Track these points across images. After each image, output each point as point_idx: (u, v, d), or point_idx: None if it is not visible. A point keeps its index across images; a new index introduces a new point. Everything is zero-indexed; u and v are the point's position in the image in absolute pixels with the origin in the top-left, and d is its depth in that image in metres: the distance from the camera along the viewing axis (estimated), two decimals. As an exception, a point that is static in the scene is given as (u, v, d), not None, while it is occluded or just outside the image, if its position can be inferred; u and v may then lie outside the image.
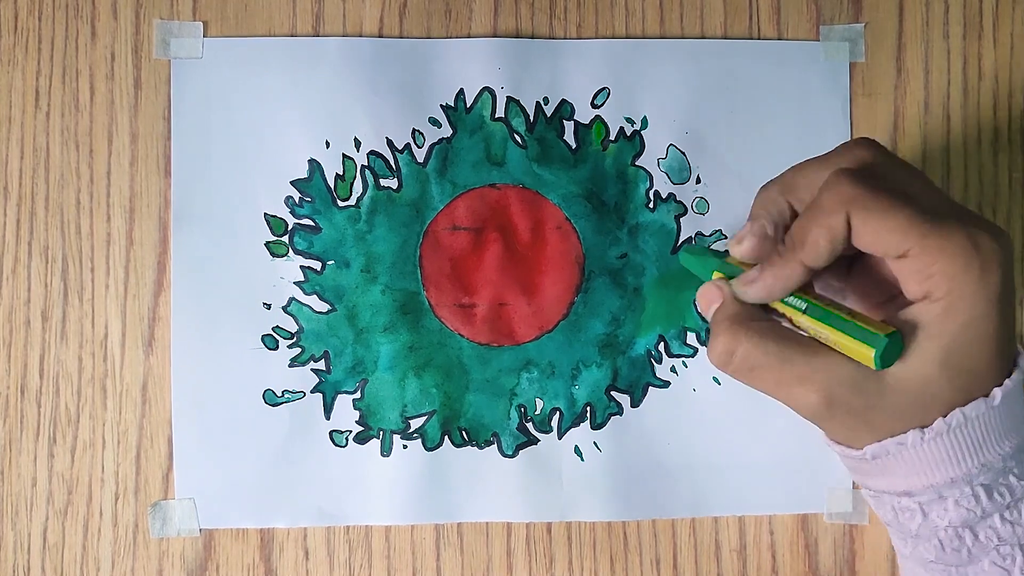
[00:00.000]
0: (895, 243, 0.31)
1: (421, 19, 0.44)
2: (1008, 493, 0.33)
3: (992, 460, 0.32)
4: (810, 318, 0.34)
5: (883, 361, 0.31)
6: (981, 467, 0.32)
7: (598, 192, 0.44)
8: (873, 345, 0.31)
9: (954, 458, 0.32)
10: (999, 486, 0.33)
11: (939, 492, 0.33)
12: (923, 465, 0.33)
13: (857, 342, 0.32)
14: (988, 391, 0.32)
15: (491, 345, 0.43)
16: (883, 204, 0.31)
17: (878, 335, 0.31)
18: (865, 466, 0.34)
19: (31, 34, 0.43)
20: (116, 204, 0.43)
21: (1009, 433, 0.33)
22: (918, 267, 0.31)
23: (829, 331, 0.33)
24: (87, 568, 0.43)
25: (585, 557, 0.44)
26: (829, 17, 0.45)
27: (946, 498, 0.33)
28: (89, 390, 0.43)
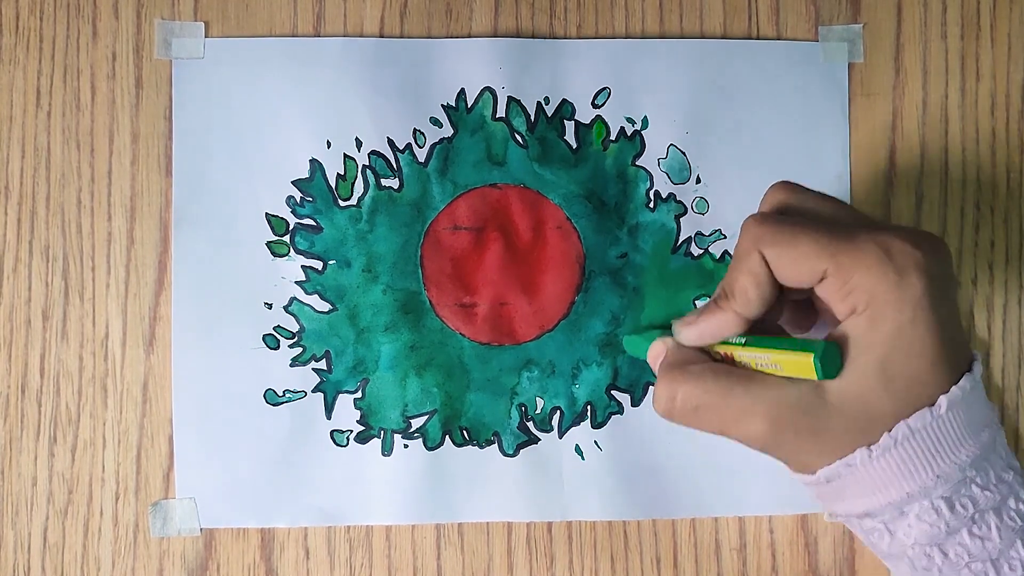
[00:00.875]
0: (809, 268, 0.32)
1: (422, 19, 0.44)
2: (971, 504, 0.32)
3: (948, 471, 0.32)
4: (749, 347, 0.34)
5: (824, 368, 0.31)
6: (937, 479, 0.32)
7: (598, 192, 0.44)
8: (812, 350, 0.31)
9: (906, 472, 0.32)
10: (960, 498, 0.32)
11: (899, 508, 0.33)
12: (876, 483, 0.33)
13: (796, 353, 0.32)
14: (934, 400, 0.32)
15: (492, 344, 0.43)
16: (790, 234, 0.32)
17: (816, 341, 0.32)
18: (824, 490, 0.34)
19: (32, 33, 0.43)
20: (117, 203, 0.43)
21: (964, 441, 0.32)
22: (837, 286, 0.32)
23: (769, 352, 0.33)
24: (87, 568, 0.43)
25: (586, 556, 0.44)
26: (828, 18, 0.45)
27: (907, 514, 0.33)
28: (90, 389, 0.43)
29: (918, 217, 0.45)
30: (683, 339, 0.36)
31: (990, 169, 0.45)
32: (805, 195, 0.35)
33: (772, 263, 0.33)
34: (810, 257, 0.32)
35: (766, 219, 0.33)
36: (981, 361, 0.34)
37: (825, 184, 0.44)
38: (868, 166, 0.45)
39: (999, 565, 0.33)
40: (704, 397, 0.34)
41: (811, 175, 0.44)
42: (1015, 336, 0.45)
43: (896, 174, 0.45)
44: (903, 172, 0.45)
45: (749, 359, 0.34)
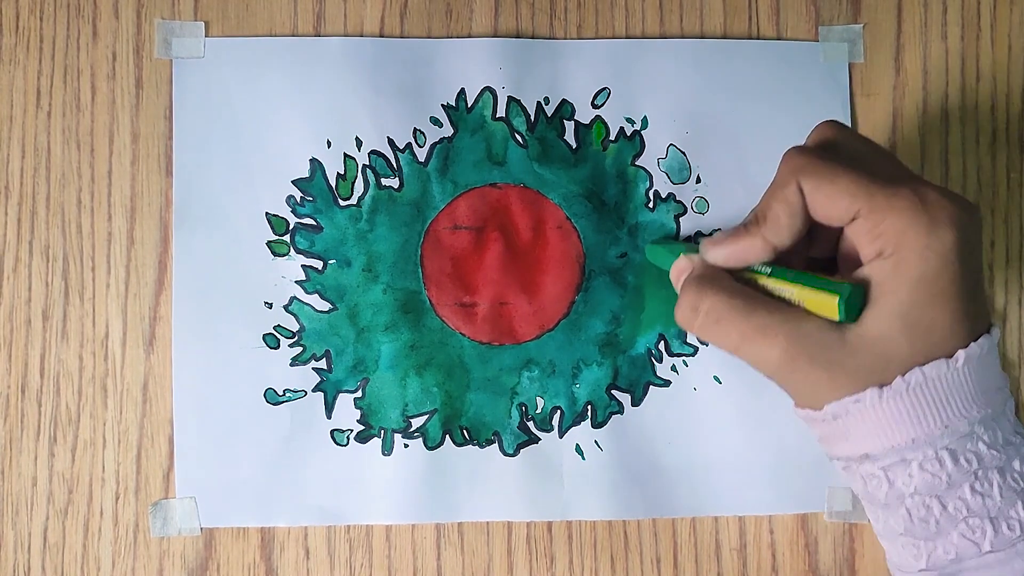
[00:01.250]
0: (844, 206, 0.32)
1: (422, 19, 0.44)
2: (976, 460, 0.32)
3: (956, 424, 0.32)
4: (775, 279, 0.34)
5: (847, 311, 0.32)
6: (944, 429, 0.32)
7: (598, 192, 0.44)
8: (837, 292, 0.32)
9: (914, 417, 0.32)
10: (966, 452, 0.32)
11: (902, 455, 0.33)
12: (883, 425, 0.33)
13: (821, 292, 0.32)
14: (952, 353, 0.32)
15: (492, 344, 0.43)
16: (830, 170, 0.32)
17: (842, 283, 0.32)
18: (828, 429, 0.34)
19: (32, 34, 0.43)
20: (117, 203, 0.43)
21: (976, 398, 0.33)
22: (868, 227, 0.32)
23: (794, 287, 0.33)
24: (87, 568, 0.43)
25: (586, 556, 0.44)
26: (828, 18, 0.45)
27: (909, 461, 0.33)
28: (90, 389, 0.43)
29: (918, 217, 0.45)
30: (710, 257, 0.36)
31: (990, 169, 0.45)
32: (851, 136, 0.35)
33: (808, 195, 0.33)
34: (846, 195, 0.32)
35: (808, 151, 0.33)
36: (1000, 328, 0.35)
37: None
38: (868, 166, 0.45)
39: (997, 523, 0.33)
40: (727, 311, 0.34)
41: (811, 175, 0.44)
42: (1015, 336, 0.45)
43: (896, 174, 0.45)
44: (903, 172, 0.45)
45: (772, 290, 0.34)
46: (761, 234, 0.34)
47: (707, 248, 0.36)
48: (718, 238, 0.36)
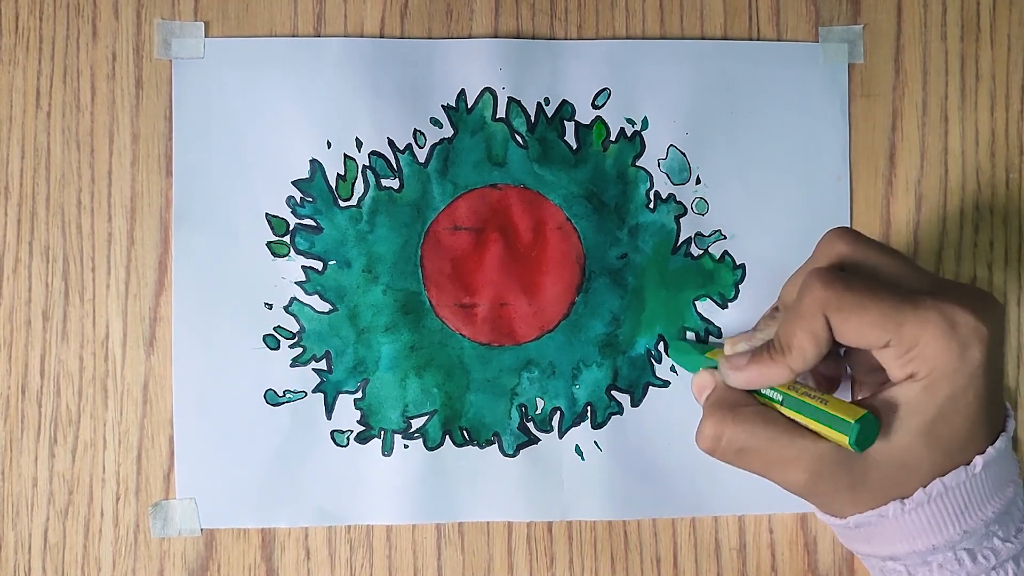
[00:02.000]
0: (875, 337, 0.32)
1: (422, 20, 0.44)
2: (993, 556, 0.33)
3: (974, 526, 0.33)
4: (787, 409, 0.35)
5: (859, 444, 0.32)
6: (963, 534, 0.33)
7: (598, 192, 0.44)
8: (845, 432, 0.32)
9: (935, 526, 0.33)
10: (983, 549, 0.33)
11: (923, 557, 0.34)
12: (905, 534, 0.34)
13: (831, 431, 0.33)
14: (970, 459, 0.33)
15: (492, 345, 0.43)
16: (857, 301, 0.32)
17: (849, 422, 0.32)
18: (850, 533, 0.35)
19: (32, 34, 0.43)
20: (117, 204, 0.43)
21: (991, 498, 0.33)
22: (899, 353, 0.32)
23: (806, 421, 0.34)
24: (88, 568, 0.43)
25: (586, 556, 0.44)
26: (828, 19, 0.45)
27: (930, 563, 0.34)
28: (90, 390, 0.43)
29: (918, 217, 0.45)
30: (731, 381, 0.37)
31: (990, 169, 0.45)
32: (866, 249, 0.35)
33: (836, 328, 0.33)
34: (876, 328, 0.32)
35: (833, 281, 0.33)
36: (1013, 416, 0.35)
37: (825, 184, 0.44)
38: (868, 167, 0.45)
39: None
40: (749, 441, 0.34)
41: (811, 176, 0.44)
42: (1015, 336, 0.45)
43: (896, 175, 0.45)
44: (903, 172, 0.45)
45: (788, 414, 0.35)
46: (785, 363, 0.34)
47: (727, 373, 0.37)
48: (739, 361, 0.36)
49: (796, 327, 0.34)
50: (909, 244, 0.45)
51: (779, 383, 0.35)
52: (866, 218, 0.45)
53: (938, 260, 0.45)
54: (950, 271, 0.45)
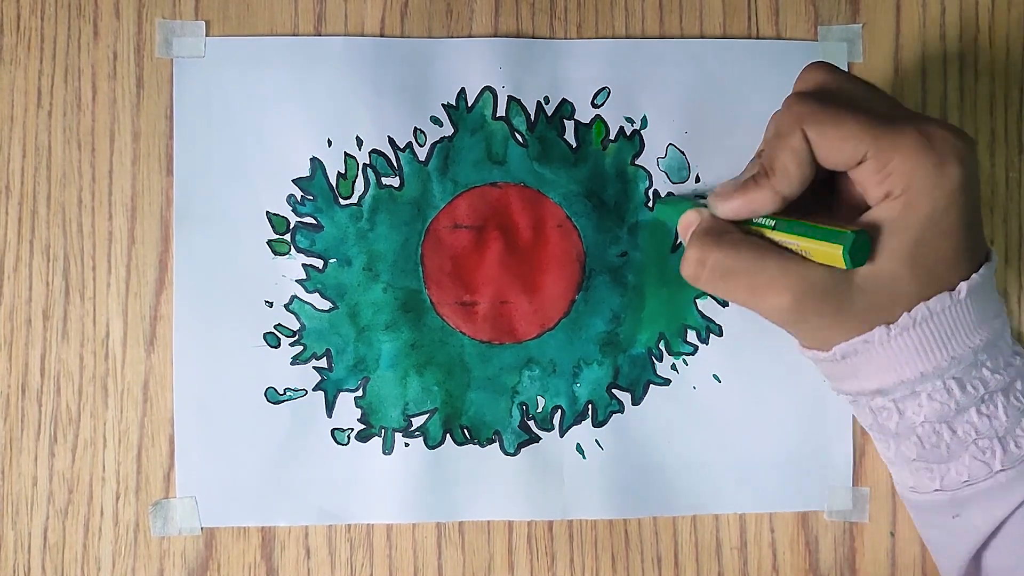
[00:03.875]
0: (850, 150, 0.32)
1: (422, 19, 0.44)
2: (982, 385, 0.33)
3: (962, 353, 0.33)
4: (779, 232, 0.34)
5: (852, 259, 0.32)
6: (951, 360, 0.33)
7: (598, 191, 0.44)
8: (840, 242, 0.31)
9: (922, 352, 0.33)
10: (972, 379, 0.33)
11: (911, 387, 0.33)
12: (892, 361, 0.33)
13: (825, 243, 0.32)
14: (954, 285, 0.33)
15: (492, 343, 0.43)
16: (834, 115, 0.32)
17: (845, 232, 0.32)
18: (836, 368, 0.35)
19: (33, 33, 0.43)
20: (118, 203, 0.43)
21: (979, 326, 0.33)
22: (876, 168, 0.32)
23: (798, 239, 0.33)
24: (88, 567, 0.43)
25: (587, 555, 0.44)
26: (827, 18, 0.45)
27: (919, 393, 0.33)
28: (90, 389, 0.43)
29: (918, 216, 0.45)
30: (719, 212, 0.36)
31: (990, 169, 0.45)
32: (843, 77, 0.35)
33: (814, 142, 0.33)
34: (853, 139, 0.32)
35: (809, 98, 0.33)
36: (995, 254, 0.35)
37: (825, 183, 0.44)
38: (868, 165, 0.45)
39: (1005, 442, 0.34)
40: (734, 264, 0.34)
41: (811, 174, 0.44)
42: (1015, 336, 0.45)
43: (895, 173, 0.45)
44: (902, 171, 0.45)
45: (778, 240, 0.34)
46: (771, 185, 0.34)
47: (715, 202, 0.36)
48: (726, 192, 0.36)
49: (777, 147, 0.34)
50: (909, 242, 0.45)
51: (767, 209, 0.35)
52: (866, 216, 0.45)
53: (938, 258, 0.45)
54: (950, 269, 0.45)
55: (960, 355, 0.33)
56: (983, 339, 0.33)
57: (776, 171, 0.34)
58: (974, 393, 0.33)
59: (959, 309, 0.33)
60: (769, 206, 0.35)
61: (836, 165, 0.33)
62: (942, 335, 0.33)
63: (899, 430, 0.35)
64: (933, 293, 0.32)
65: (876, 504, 0.44)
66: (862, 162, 0.32)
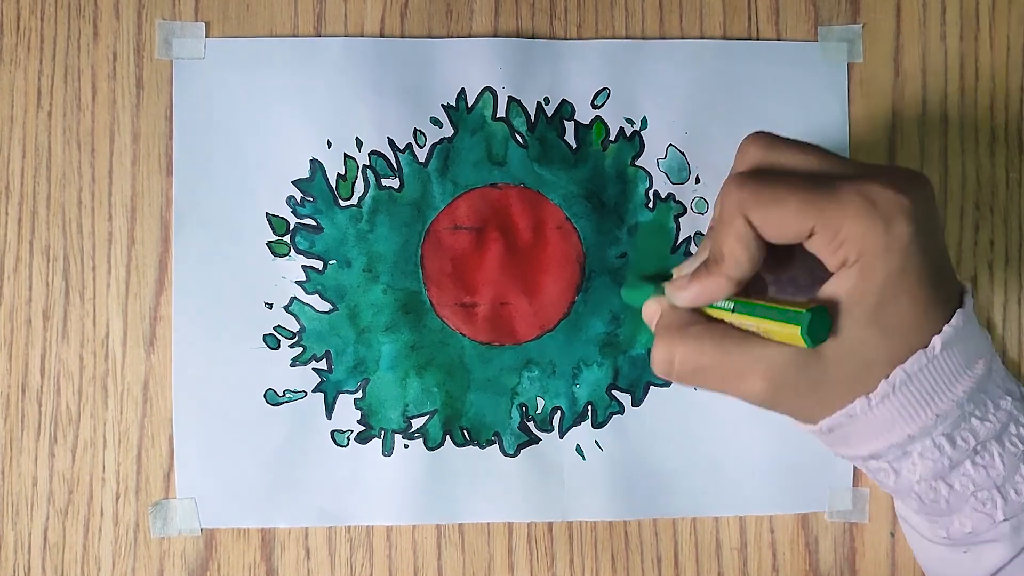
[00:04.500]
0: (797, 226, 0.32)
1: (422, 19, 0.44)
2: (972, 437, 0.33)
3: (947, 408, 0.32)
4: (739, 315, 0.34)
5: (812, 337, 0.31)
6: (937, 417, 0.32)
7: (598, 192, 0.44)
8: (797, 323, 0.31)
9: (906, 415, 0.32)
10: (961, 432, 0.33)
11: (902, 449, 0.33)
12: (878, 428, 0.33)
13: (783, 324, 0.32)
14: (927, 342, 0.32)
15: (492, 344, 0.43)
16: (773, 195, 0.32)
17: (801, 312, 0.31)
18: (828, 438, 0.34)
19: (33, 34, 0.43)
20: (118, 203, 0.43)
21: (960, 376, 0.32)
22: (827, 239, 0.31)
23: (757, 321, 0.33)
24: (88, 568, 0.43)
25: (586, 556, 0.44)
26: (827, 18, 0.45)
27: (910, 453, 0.33)
28: (90, 389, 0.43)
29: (918, 217, 0.45)
30: (677, 302, 0.36)
31: (990, 169, 0.45)
32: (781, 148, 0.34)
33: (758, 225, 0.32)
34: (796, 215, 0.31)
35: (746, 181, 0.33)
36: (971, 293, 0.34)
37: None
38: (868, 166, 0.45)
39: (1005, 491, 0.33)
40: (702, 359, 0.34)
41: (811, 175, 0.44)
42: (1015, 336, 0.45)
43: (896, 174, 0.45)
44: (903, 172, 0.45)
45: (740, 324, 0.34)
46: (721, 272, 0.34)
47: (672, 294, 0.36)
48: (681, 282, 0.35)
49: (722, 235, 0.33)
50: (909, 243, 0.45)
51: (722, 295, 0.34)
52: (866, 217, 0.45)
53: (938, 259, 0.45)
54: (950, 270, 0.45)
55: (945, 410, 0.32)
56: (966, 389, 0.32)
57: (725, 257, 0.33)
58: (965, 446, 0.33)
59: (936, 365, 0.32)
60: (723, 292, 0.34)
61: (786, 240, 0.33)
62: (923, 394, 0.32)
63: (898, 488, 0.34)
64: (907, 354, 0.32)
65: (876, 504, 0.44)
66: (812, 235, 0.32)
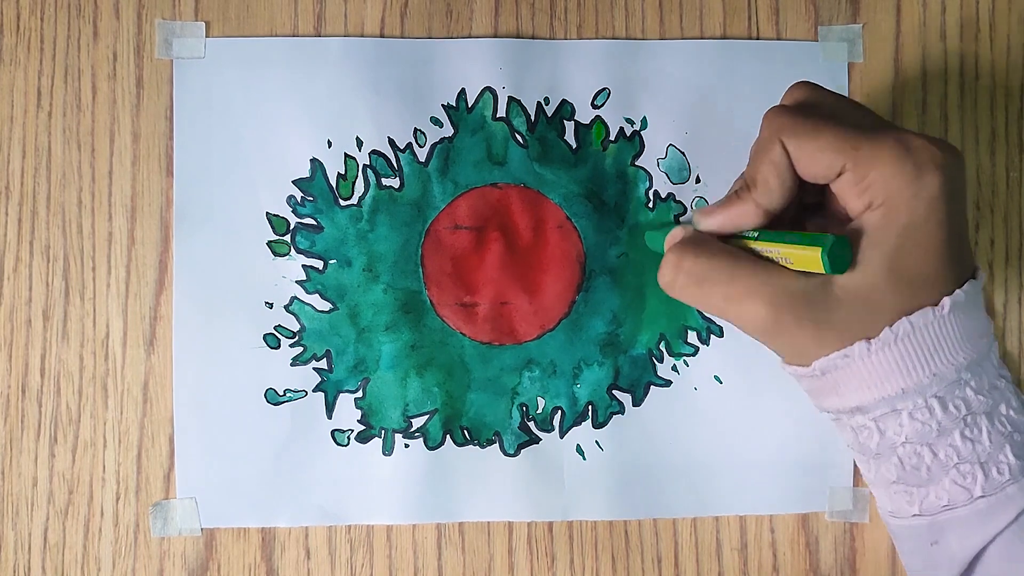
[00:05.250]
0: (829, 161, 0.32)
1: (422, 19, 0.44)
2: (964, 406, 0.32)
3: (944, 370, 0.32)
4: (762, 241, 0.34)
5: (832, 263, 0.31)
6: (933, 377, 0.32)
7: (598, 192, 0.44)
8: (820, 244, 0.31)
9: (903, 368, 0.32)
10: (954, 399, 0.32)
11: (892, 405, 0.33)
12: (872, 377, 0.32)
13: (805, 247, 0.32)
14: (937, 300, 0.32)
15: (493, 344, 0.43)
16: (812, 127, 0.32)
17: (825, 235, 0.31)
18: (816, 383, 0.34)
19: (33, 34, 0.43)
20: (118, 203, 0.43)
21: (963, 344, 0.32)
22: (855, 180, 0.31)
23: (780, 246, 0.33)
24: (88, 568, 0.43)
25: (587, 556, 0.44)
26: (827, 18, 0.45)
27: (900, 411, 0.33)
28: (90, 389, 0.43)
29: (918, 216, 0.45)
30: (703, 227, 0.36)
31: (990, 169, 0.45)
32: (826, 93, 0.35)
33: (793, 154, 0.32)
34: (831, 150, 0.32)
35: (788, 110, 0.33)
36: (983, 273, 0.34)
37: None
38: (868, 166, 0.45)
39: (987, 468, 0.33)
40: (709, 272, 0.34)
41: (811, 175, 0.44)
42: (1015, 336, 0.45)
43: (896, 174, 0.45)
44: (903, 172, 0.45)
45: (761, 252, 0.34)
46: (752, 199, 0.34)
47: (699, 218, 0.36)
48: (710, 208, 0.36)
49: (757, 160, 0.33)
50: (909, 243, 0.45)
51: (751, 223, 0.34)
52: (866, 217, 0.45)
53: (938, 259, 0.45)
54: (950, 270, 0.45)
55: (942, 372, 0.32)
56: (967, 357, 0.32)
57: (758, 184, 0.34)
58: (956, 414, 0.32)
59: (942, 325, 0.32)
60: (752, 220, 0.34)
61: (816, 177, 0.33)
62: (924, 351, 0.32)
63: (879, 450, 0.34)
64: (915, 307, 0.32)
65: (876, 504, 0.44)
66: (842, 174, 0.32)
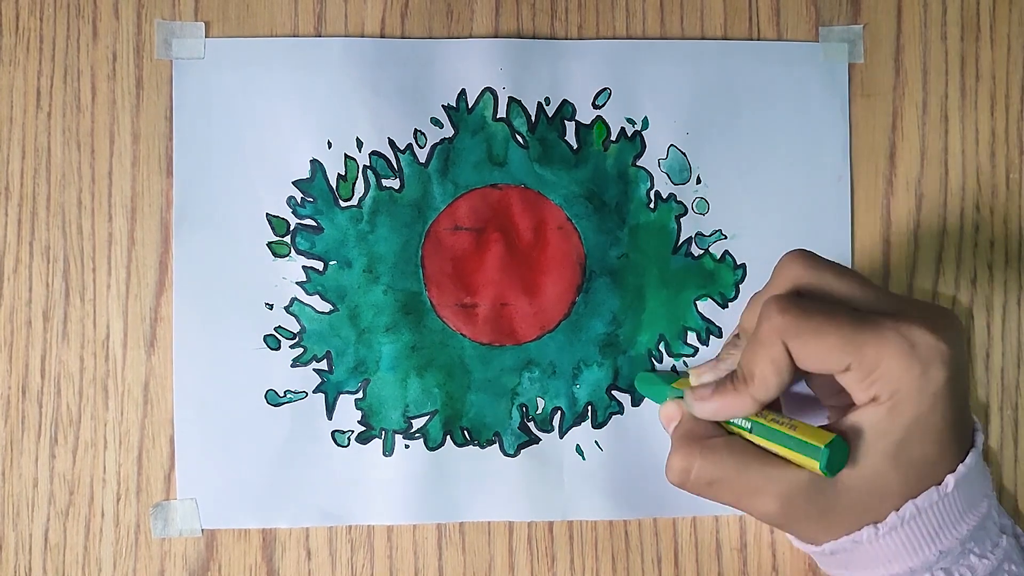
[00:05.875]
0: (834, 361, 0.32)
1: (423, 20, 0.44)
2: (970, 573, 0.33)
3: (950, 546, 0.33)
4: (757, 436, 0.35)
5: (830, 469, 0.32)
6: (939, 554, 0.33)
7: (599, 192, 0.44)
8: (816, 458, 0.32)
9: (910, 549, 0.33)
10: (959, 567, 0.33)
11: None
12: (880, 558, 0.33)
13: (801, 456, 0.33)
14: (941, 479, 0.33)
15: (493, 345, 0.43)
16: (815, 327, 0.32)
17: (818, 448, 0.32)
18: (827, 560, 0.35)
19: (32, 34, 0.43)
20: (118, 204, 0.43)
21: (966, 515, 0.33)
22: (860, 376, 0.32)
23: (776, 447, 0.34)
24: (88, 569, 0.43)
25: (587, 556, 0.44)
26: (828, 18, 0.45)
27: None
28: (91, 390, 0.43)
29: (918, 217, 0.45)
30: (697, 413, 0.36)
31: (990, 169, 0.45)
32: (822, 271, 0.35)
33: (795, 353, 0.33)
34: (836, 351, 0.32)
35: (789, 307, 0.33)
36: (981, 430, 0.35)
37: (825, 184, 0.44)
38: (868, 166, 0.45)
39: None
40: (719, 473, 0.34)
41: (811, 175, 0.44)
42: (1015, 336, 0.45)
43: (896, 174, 0.45)
44: (903, 172, 0.45)
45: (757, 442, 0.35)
46: (748, 392, 0.34)
47: (693, 403, 0.36)
48: (704, 392, 0.36)
49: (757, 356, 0.33)
50: (909, 244, 0.45)
51: (744, 413, 0.35)
52: (866, 218, 0.45)
53: (938, 260, 0.45)
54: (950, 270, 0.45)
55: (948, 547, 0.33)
56: (970, 527, 0.33)
57: (755, 379, 0.34)
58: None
59: (947, 502, 0.33)
60: (747, 411, 0.35)
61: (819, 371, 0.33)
62: (930, 530, 0.33)
63: None
64: (920, 490, 0.33)
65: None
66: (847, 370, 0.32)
